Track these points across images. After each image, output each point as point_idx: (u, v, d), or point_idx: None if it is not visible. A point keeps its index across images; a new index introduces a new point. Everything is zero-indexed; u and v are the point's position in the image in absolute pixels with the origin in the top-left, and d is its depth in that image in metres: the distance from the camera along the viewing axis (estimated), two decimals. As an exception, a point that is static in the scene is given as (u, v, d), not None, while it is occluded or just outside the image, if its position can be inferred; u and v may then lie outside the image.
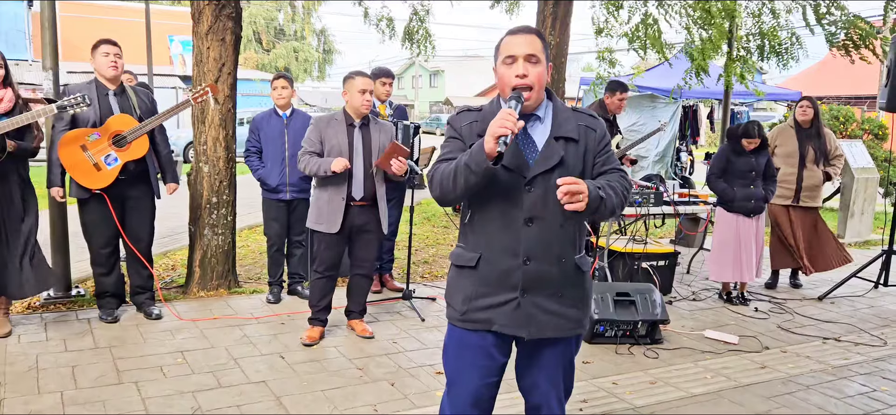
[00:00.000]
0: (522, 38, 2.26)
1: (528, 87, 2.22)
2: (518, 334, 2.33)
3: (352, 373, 4.13)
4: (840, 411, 3.87)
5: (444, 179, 2.23)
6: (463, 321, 2.36)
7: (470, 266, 2.33)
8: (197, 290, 5.53)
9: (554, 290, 2.32)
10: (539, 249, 2.27)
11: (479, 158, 2.10)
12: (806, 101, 6.34)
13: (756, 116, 23.34)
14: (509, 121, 2.05)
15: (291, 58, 46.21)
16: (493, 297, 2.30)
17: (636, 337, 4.82)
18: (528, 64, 2.23)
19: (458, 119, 2.38)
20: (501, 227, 2.27)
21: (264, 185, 5.41)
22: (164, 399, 3.66)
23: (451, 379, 2.45)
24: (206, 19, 5.26)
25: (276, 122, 5.40)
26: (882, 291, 6.50)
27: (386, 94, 5.72)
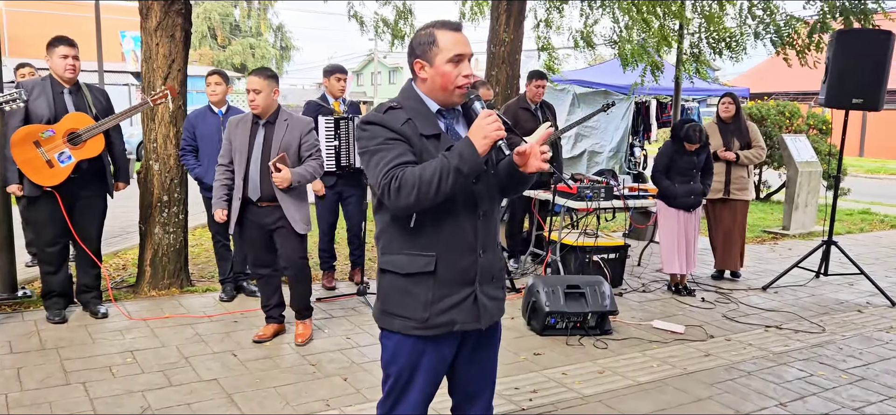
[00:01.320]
0: (464, 37, 2.24)
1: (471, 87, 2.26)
2: (476, 327, 2.33)
3: (304, 369, 4.14)
4: (778, 395, 4.03)
5: (424, 183, 2.09)
6: (425, 328, 2.26)
7: (427, 271, 2.25)
8: (148, 289, 5.47)
9: (495, 276, 2.40)
10: (490, 239, 2.35)
11: (473, 160, 2.08)
12: (728, 97, 6.59)
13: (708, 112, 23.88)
14: (498, 124, 2.10)
15: (248, 54, 45.59)
16: (453, 296, 2.27)
17: (586, 328, 4.93)
18: (469, 64, 2.25)
19: (389, 119, 2.22)
20: (460, 223, 2.26)
21: (201, 184, 5.35)
22: (113, 399, 3.62)
23: (403, 387, 2.35)
24: (154, 15, 5.20)
25: (211, 119, 5.32)
26: (823, 279, 6.74)
27: (340, 90, 5.73)
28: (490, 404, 2.56)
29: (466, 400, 2.53)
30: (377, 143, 2.19)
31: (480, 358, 2.47)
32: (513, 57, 8.13)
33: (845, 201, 12.49)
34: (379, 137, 2.20)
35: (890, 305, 6.00)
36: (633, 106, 13.32)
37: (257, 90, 4.23)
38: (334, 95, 5.76)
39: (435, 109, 2.28)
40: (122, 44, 27.91)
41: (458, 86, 2.22)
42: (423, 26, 2.29)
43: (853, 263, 6.41)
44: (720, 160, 6.46)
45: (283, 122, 4.37)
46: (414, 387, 2.35)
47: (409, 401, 2.36)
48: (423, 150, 2.21)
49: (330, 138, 5.64)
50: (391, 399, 2.39)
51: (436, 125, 2.26)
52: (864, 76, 6.00)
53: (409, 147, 2.20)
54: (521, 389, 3.97)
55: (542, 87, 6.65)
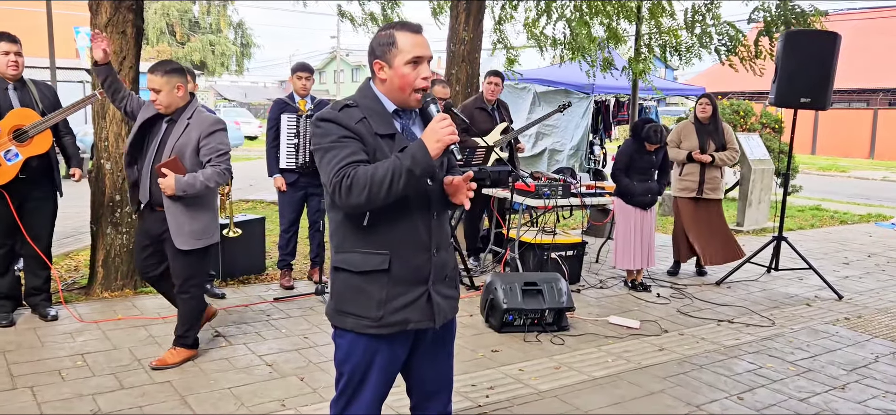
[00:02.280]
0: (424, 39, 2.25)
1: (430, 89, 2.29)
2: (429, 326, 2.34)
3: (261, 370, 4.11)
4: (728, 387, 4.13)
5: (376, 183, 2.11)
6: (379, 327, 2.26)
7: (381, 269, 2.25)
8: (100, 290, 5.36)
9: (448, 275, 2.42)
10: (444, 238, 2.39)
11: (426, 163, 2.10)
12: (705, 98, 6.70)
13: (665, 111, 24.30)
14: (451, 128, 2.13)
15: (208, 51, 44.87)
16: (407, 295, 2.28)
17: (544, 325, 4.98)
18: (429, 66, 2.26)
19: (343, 117, 2.22)
20: (414, 223, 2.28)
21: None
22: (62, 403, 3.55)
23: (357, 386, 2.34)
24: (104, 11, 5.10)
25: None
26: (774, 275, 6.92)
27: (303, 88, 5.70)
28: (448, 403, 2.57)
29: (424, 399, 2.53)
30: (330, 140, 2.19)
31: (436, 357, 2.48)
32: (472, 56, 8.15)
33: (797, 198, 12.83)
34: (332, 135, 2.19)
35: (837, 299, 6.18)
36: (592, 104, 13.48)
37: (157, 89, 3.83)
38: (299, 94, 5.72)
39: (391, 109, 2.29)
40: (76, 40, 27.21)
41: (416, 88, 2.24)
42: (383, 27, 2.30)
43: (802, 259, 6.58)
44: (694, 161, 6.58)
45: (185, 121, 3.90)
46: (367, 386, 2.34)
47: (363, 400, 2.35)
48: (378, 148, 2.21)
49: (292, 136, 5.61)
50: (344, 398, 2.37)
51: (391, 125, 2.27)
52: (812, 76, 6.16)
53: (363, 146, 2.20)
54: (478, 385, 3.99)
55: (496, 84, 6.66)
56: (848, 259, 7.98)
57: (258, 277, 6.21)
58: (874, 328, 5.37)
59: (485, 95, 6.69)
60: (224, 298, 5.45)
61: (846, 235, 9.69)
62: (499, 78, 6.71)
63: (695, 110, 6.78)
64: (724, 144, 6.63)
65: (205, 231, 3.97)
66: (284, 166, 5.65)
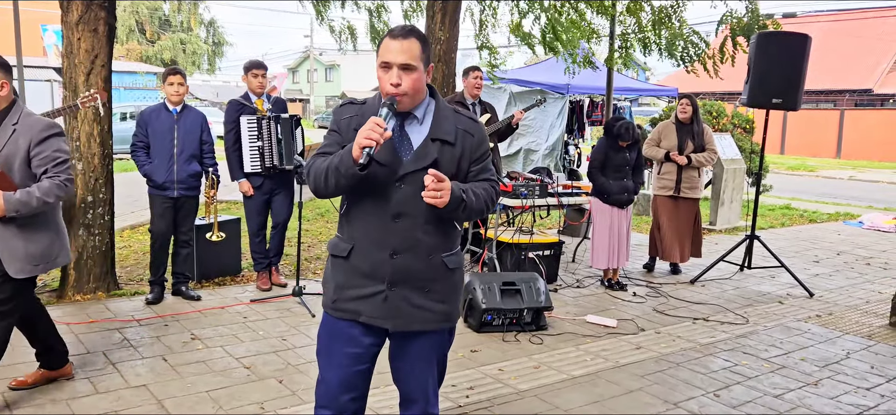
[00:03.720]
0: (399, 44, 2.25)
1: (403, 95, 2.26)
2: (384, 326, 2.37)
3: (239, 373, 4.06)
4: (704, 384, 4.18)
5: (318, 175, 2.28)
6: (333, 310, 2.41)
7: (343, 256, 2.38)
8: (72, 293, 5.26)
9: (421, 284, 2.36)
10: (406, 244, 2.32)
11: (346, 163, 2.18)
12: (686, 99, 6.78)
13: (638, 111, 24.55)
14: (376, 132, 2.12)
15: (178, 50, 44.31)
16: (361, 288, 2.35)
17: (522, 324, 5.00)
18: (402, 73, 2.24)
19: (339, 112, 2.42)
20: (372, 221, 2.32)
21: (151, 181, 5.21)
22: (35, 409, 3.48)
23: (322, 365, 2.48)
24: (75, 9, 5.00)
25: (165, 117, 5.20)
26: (747, 273, 7.02)
27: (259, 86, 5.63)
28: (428, 403, 2.53)
29: (404, 400, 2.57)
30: (327, 131, 2.43)
31: (414, 365, 2.48)
32: (448, 55, 8.14)
33: (767, 197, 13.03)
34: (329, 127, 2.43)
35: (808, 296, 6.29)
36: (567, 104, 13.57)
37: None
38: (255, 93, 5.66)
39: None
40: (44, 38, 26.72)
41: (387, 92, 2.27)
42: None
43: (774, 257, 6.69)
44: (671, 161, 6.65)
45: (10, 127, 3.28)
46: (331, 365, 2.43)
47: (331, 379, 2.43)
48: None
49: (253, 139, 5.55)
50: (322, 373, 2.48)
51: None
52: (783, 78, 6.27)
53: (341, 140, 2.35)
54: (458, 386, 3.99)
55: (478, 78, 6.59)
56: (818, 257, 8.13)
57: (234, 278, 6.15)
58: (845, 325, 5.47)
59: (467, 92, 6.63)
60: (200, 300, 5.38)
61: (816, 233, 9.87)
62: (479, 71, 6.69)
63: (675, 111, 6.87)
64: (703, 145, 6.72)
65: (45, 255, 3.38)
66: (249, 171, 5.58)
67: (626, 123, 6.00)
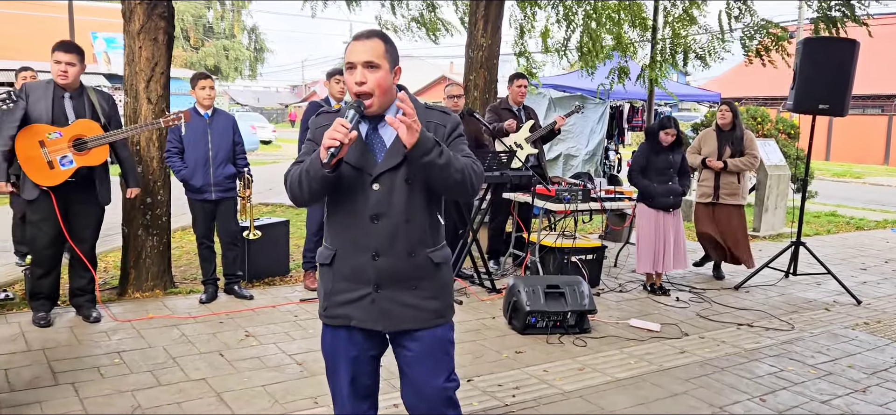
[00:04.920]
0: (362, 44, 2.26)
1: (368, 95, 2.26)
2: (375, 328, 2.38)
3: (292, 369, 4.21)
4: (750, 389, 4.19)
5: (293, 182, 2.31)
6: (326, 317, 2.44)
7: (327, 263, 2.40)
8: (132, 291, 5.49)
9: (407, 283, 2.36)
10: (387, 244, 2.31)
11: (315, 166, 2.20)
12: (725, 105, 6.80)
13: (680, 116, 24.28)
14: (340, 132, 2.12)
15: (221, 56, 45.24)
16: (349, 292, 2.37)
17: (566, 327, 5.06)
18: (366, 71, 2.24)
19: (315, 121, 2.42)
20: (351, 224, 2.34)
21: (188, 186, 5.38)
22: (103, 399, 3.66)
23: (329, 371, 2.53)
24: (137, 18, 5.23)
25: (197, 121, 5.34)
26: (792, 279, 6.96)
27: (341, 92, 5.81)
28: (442, 403, 2.47)
29: (414, 399, 2.51)
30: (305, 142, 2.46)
31: (415, 362, 2.44)
32: (490, 61, 8.25)
33: (812, 204, 12.83)
34: (307, 137, 2.46)
35: (856, 304, 6.22)
36: (608, 110, 13.55)
37: None
38: (335, 97, 5.84)
39: None
40: (94, 45, 27.53)
41: (354, 92, 2.28)
42: None
43: (821, 263, 6.63)
44: (709, 168, 6.68)
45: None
46: (339, 372, 2.49)
47: (338, 384, 2.51)
48: None
49: None
50: (330, 384, 2.57)
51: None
52: (830, 83, 6.22)
53: (316, 148, 2.32)
54: (504, 385, 4.08)
55: (522, 86, 6.88)
56: (865, 265, 8.01)
57: (282, 278, 6.33)
58: (893, 333, 5.41)
59: (512, 98, 6.86)
60: (252, 299, 5.56)
61: (863, 240, 9.71)
62: (523, 79, 6.90)
63: (716, 117, 6.88)
64: (743, 150, 6.70)
65: None
66: None
67: (668, 116, 6.09)
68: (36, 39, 21.98)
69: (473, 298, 5.89)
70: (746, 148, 6.73)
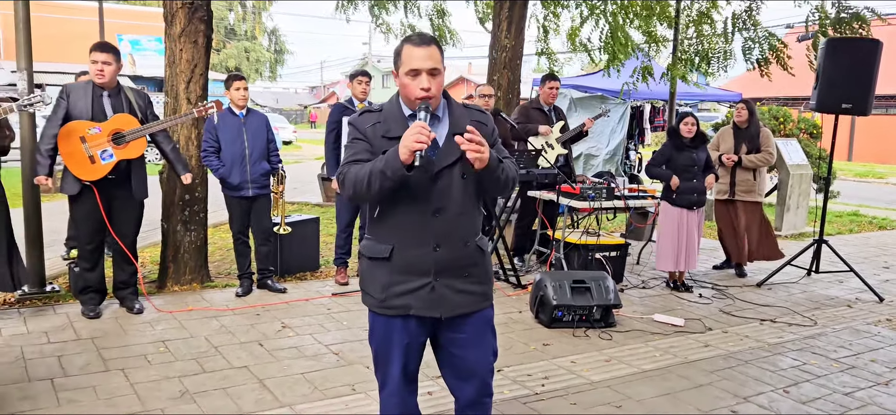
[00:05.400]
0: (424, 51, 2.40)
1: (431, 99, 2.42)
2: (433, 315, 2.52)
3: (329, 358, 4.38)
4: (773, 381, 4.30)
5: (358, 182, 2.39)
6: (383, 308, 2.53)
7: (384, 257, 2.50)
8: (171, 284, 5.70)
9: (461, 271, 2.54)
10: (446, 235, 2.48)
11: (394, 166, 2.29)
12: (741, 103, 6.96)
13: (700, 116, 24.19)
14: (424, 135, 2.25)
15: (242, 58, 45.77)
16: (408, 283, 2.49)
17: (591, 321, 5.19)
18: (430, 78, 2.40)
19: (360, 121, 2.52)
20: (413, 218, 2.46)
21: (226, 184, 5.57)
22: (152, 384, 3.85)
23: (380, 360, 2.64)
24: (179, 21, 5.43)
25: (232, 121, 5.52)
26: (814, 277, 7.03)
27: (362, 92, 5.98)
28: (482, 391, 2.69)
29: (457, 381, 2.69)
30: (348, 141, 2.55)
31: (464, 345, 2.62)
32: (514, 62, 8.39)
33: (835, 204, 12.82)
34: (350, 136, 2.55)
35: (878, 301, 6.28)
36: (629, 110, 13.63)
37: None
38: (358, 98, 6.01)
39: (408, 114, 2.50)
40: (119, 47, 28.00)
41: (417, 96, 2.42)
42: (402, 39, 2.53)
43: (843, 261, 6.70)
44: (725, 165, 6.80)
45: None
46: (391, 361, 2.60)
47: (391, 374, 2.62)
48: (383, 149, 2.43)
49: None
50: (379, 372, 2.68)
51: (402, 128, 2.43)
52: (853, 83, 6.29)
53: (369, 147, 2.46)
54: (533, 375, 4.22)
55: (554, 88, 7.08)
56: (888, 263, 8.05)
57: (313, 273, 6.51)
58: (916, 329, 5.49)
59: (543, 99, 7.07)
60: (285, 293, 5.74)
61: (886, 240, 9.72)
62: (555, 81, 7.06)
63: (733, 116, 7.02)
64: (759, 147, 6.83)
65: None
66: None
67: (689, 112, 6.26)
68: (66, 42, 22.45)
69: (500, 293, 6.03)
70: (762, 145, 6.85)
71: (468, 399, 2.70)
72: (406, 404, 2.68)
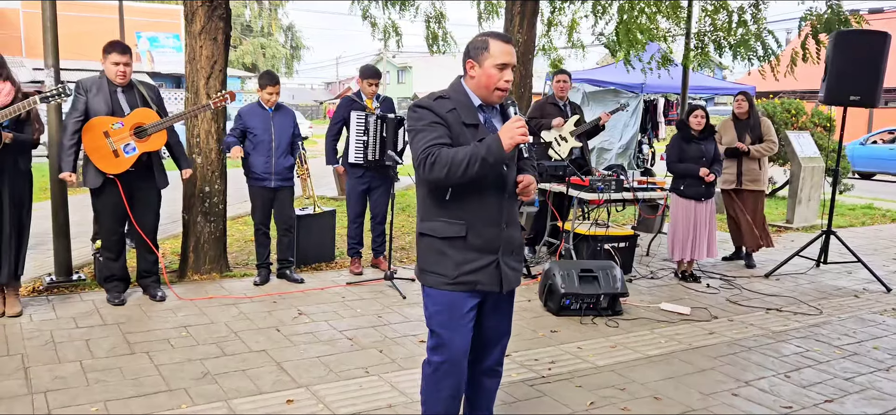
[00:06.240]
0: (511, 48, 2.67)
1: (509, 90, 2.72)
2: (495, 290, 2.76)
3: (343, 343, 4.55)
4: (775, 366, 4.41)
5: (455, 164, 2.53)
6: (455, 284, 2.70)
7: (459, 236, 2.69)
8: (191, 273, 5.89)
9: (514, 249, 2.83)
10: (511, 216, 2.79)
11: (498, 154, 2.52)
12: (741, 95, 7.12)
13: (715, 110, 24.19)
14: (524, 130, 2.52)
15: (259, 54, 46.11)
16: (478, 261, 2.71)
17: (599, 309, 5.31)
18: (512, 72, 2.69)
19: (437, 106, 2.67)
20: (490, 200, 2.70)
21: (251, 173, 5.74)
22: (176, 366, 4.04)
23: (445, 337, 2.75)
24: (199, 19, 5.62)
25: (262, 114, 5.72)
26: (822, 268, 7.11)
27: (372, 92, 6.14)
28: (501, 356, 3.02)
29: (482, 348, 2.95)
30: (423, 123, 2.66)
31: (498, 315, 2.92)
32: (526, 57, 8.49)
33: (849, 197, 12.82)
34: (425, 119, 2.66)
35: (885, 291, 6.36)
36: (642, 104, 13.69)
37: None
38: (367, 95, 6.17)
39: (477, 104, 2.72)
40: (138, 44, 28.37)
41: (499, 88, 2.67)
42: (480, 34, 2.74)
43: (851, 252, 6.77)
44: (733, 156, 6.97)
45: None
46: (457, 335, 2.76)
47: (456, 346, 2.76)
48: (461, 134, 2.65)
49: (360, 133, 6.05)
50: (442, 349, 2.79)
51: (475, 116, 2.71)
52: (862, 75, 6.36)
53: (448, 131, 2.65)
54: (540, 359, 4.36)
55: (564, 82, 7.26)
56: (898, 255, 8.09)
57: (329, 264, 6.69)
58: (921, 318, 5.56)
59: (556, 93, 7.28)
60: (303, 283, 5.92)
61: (898, 232, 9.74)
62: (565, 75, 7.22)
63: (733, 107, 7.17)
64: (761, 136, 6.95)
65: None
66: (353, 161, 6.10)
67: (697, 104, 6.36)
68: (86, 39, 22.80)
69: (510, 282, 6.17)
70: (764, 135, 6.98)
71: (490, 365, 2.99)
72: (464, 377, 2.86)
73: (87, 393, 3.63)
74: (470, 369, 2.95)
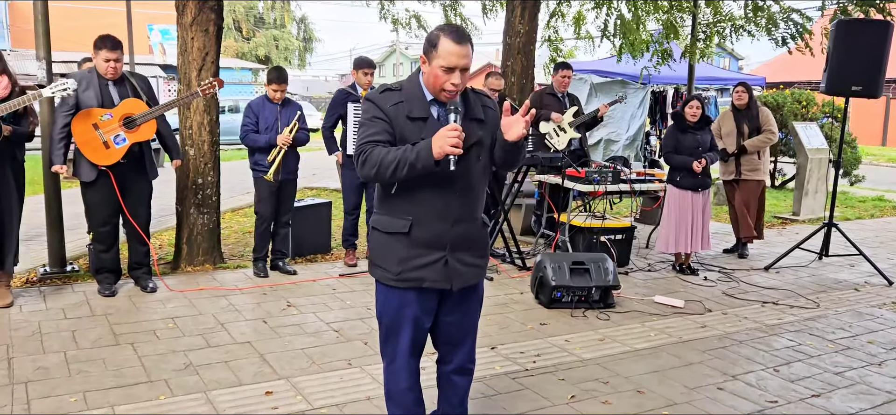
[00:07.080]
0: (462, 50, 2.49)
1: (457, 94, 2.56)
2: (445, 287, 2.67)
3: (329, 335, 4.54)
4: (765, 360, 4.35)
5: (384, 166, 2.47)
6: (398, 280, 2.64)
7: (402, 232, 2.62)
8: (184, 265, 5.91)
9: (470, 245, 2.72)
10: (462, 213, 2.66)
11: (427, 162, 2.41)
12: (741, 86, 7.11)
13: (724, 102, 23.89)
14: (455, 139, 2.37)
15: (271, 46, 46.15)
16: (424, 258, 2.62)
17: (590, 302, 5.27)
18: (460, 74, 2.52)
19: (381, 99, 2.59)
20: (434, 196, 2.59)
21: (258, 166, 5.72)
22: (159, 357, 4.05)
23: (390, 332, 2.75)
24: (190, 11, 5.61)
25: (270, 107, 5.74)
26: (825, 261, 7.01)
27: (367, 83, 6.11)
28: (472, 351, 2.92)
29: (448, 347, 2.88)
30: (366, 117, 2.61)
31: (461, 313, 2.81)
32: (528, 48, 8.44)
33: (859, 189, 12.64)
34: (368, 114, 2.61)
35: (887, 284, 6.26)
36: (649, 95, 13.56)
37: None
38: (362, 86, 6.14)
39: (429, 98, 2.62)
40: (150, 37, 28.54)
41: (445, 90, 2.54)
42: (438, 27, 2.61)
43: (852, 244, 6.66)
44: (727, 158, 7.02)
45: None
46: (402, 333, 2.73)
47: (400, 347, 2.74)
48: (404, 129, 2.56)
49: (357, 124, 6.03)
50: (389, 346, 2.79)
51: (426, 110, 2.59)
52: (864, 65, 6.25)
53: (389, 127, 2.55)
54: (526, 353, 4.33)
55: (566, 76, 7.24)
56: (904, 248, 7.96)
57: (324, 256, 6.69)
58: (920, 312, 5.46)
59: (556, 86, 7.24)
60: (296, 275, 5.92)
61: (906, 225, 9.59)
62: (568, 69, 7.19)
63: (732, 98, 7.18)
64: (760, 126, 6.92)
65: None
66: (351, 153, 6.08)
67: (693, 95, 6.32)
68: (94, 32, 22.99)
69: (504, 275, 6.14)
70: (763, 125, 6.91)
71: (458, 364, 2.90)
72: (412, 377, 2.81)
73: (68, 384, 3.65)
74: (438, 368, 2.93)
